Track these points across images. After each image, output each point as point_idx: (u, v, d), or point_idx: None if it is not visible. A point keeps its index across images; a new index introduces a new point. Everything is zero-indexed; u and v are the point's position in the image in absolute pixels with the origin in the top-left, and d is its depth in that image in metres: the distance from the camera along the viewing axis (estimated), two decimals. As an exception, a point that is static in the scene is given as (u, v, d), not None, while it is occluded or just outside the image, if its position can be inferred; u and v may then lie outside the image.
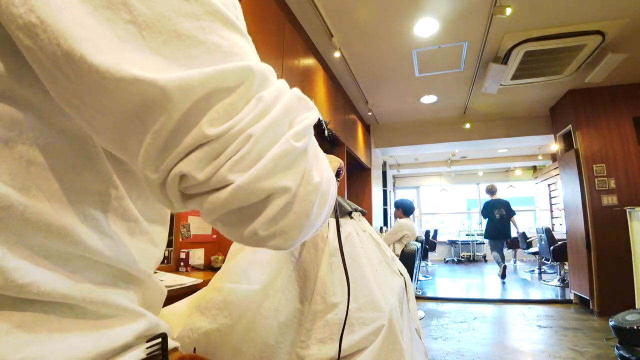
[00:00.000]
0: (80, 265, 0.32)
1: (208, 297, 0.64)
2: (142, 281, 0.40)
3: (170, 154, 0.24)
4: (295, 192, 0.27)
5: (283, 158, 0.26)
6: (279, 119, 0.26)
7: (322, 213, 0.31)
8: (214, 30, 0.26)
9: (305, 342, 0.55)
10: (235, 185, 0.25)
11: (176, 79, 0.23)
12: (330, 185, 0.32)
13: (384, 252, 0.78)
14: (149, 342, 0.36)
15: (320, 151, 0.32)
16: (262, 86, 0.27)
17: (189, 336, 0.62)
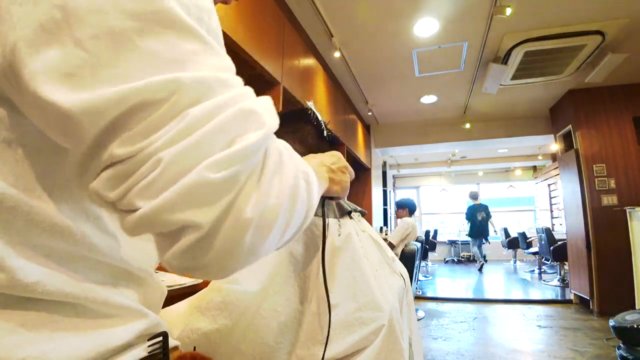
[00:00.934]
0: (82, 265, 0.32)
1: (208, 298, 0.64)
2: (143, 280, 0.40)
3: (86, 172, 0.24)
4: (214, 229, 0.24)
5: (193, 191, 0.22)
6: (205, 140, 0.23)
7: (269, 241, 0.27)
8: (156, 34, 0.24)
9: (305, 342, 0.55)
10: (141, 212, 0.23)
11: (81, 103, 0.21)
12: (293, 206, 0.29)
13: (384, 252, 0.78)
14: (149, 341, 0.36)
15: (285, 169, 0.29)
16: (197, 101, 0.24)
17: (188, 336, 0.62)
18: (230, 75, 0.28)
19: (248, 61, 1.72)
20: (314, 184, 0.35)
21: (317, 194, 0.37)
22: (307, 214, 0.33)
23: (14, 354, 0.26)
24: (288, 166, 0.29)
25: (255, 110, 0.26)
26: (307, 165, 0.35)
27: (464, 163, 8.11)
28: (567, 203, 4.11)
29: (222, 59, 0.28)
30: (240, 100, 0.26)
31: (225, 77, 0.26)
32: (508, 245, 7.41)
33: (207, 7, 0.29)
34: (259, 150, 0.26)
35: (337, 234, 0.68)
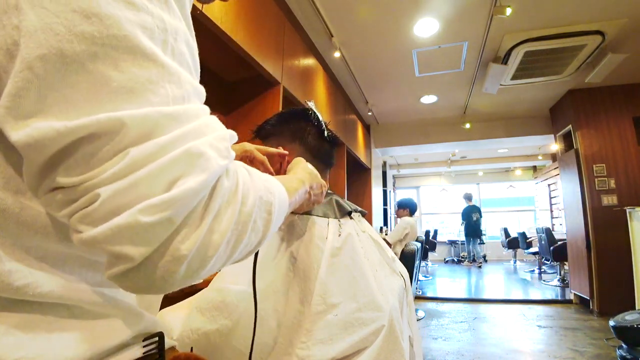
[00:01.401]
0: (77, 265, 0.32)
1: (208, 298, 0.64)
2: None
3: (38, 189, 0.25)
4: (148, 261, 0.25)
5: (125, 230, 0.23)
6: (143, 181, 0.23)
7: (208, 267, 0.28)
8: (111, 59, 0.23)
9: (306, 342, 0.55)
10: (82, 236, 0.24)
11: (27, 136, 0.22)
12: (240, 238, 0.30)
13: (384, 252, 0.78)
14: (145, 341, 0.36)
15: (234, 207, 0.29)
16: (141, 139, 0.24)
17: (189, 337, 0.62)
18: (187, 106, 0.27)
19: (248, 61, 1.72)
20: (278, 213, 0.36)
21: (280, 219, 0.39)
22: (261, 241, 0.35)
23: (9, 355, 0.26)
24: (243, 202, 0.30)
25: (203, 152, 0.26)
26: (276, 192, 0.36)
27: (464, 163, 8.11)
28: (567, 203, 4.11)
29: (182, 85, 0.27)
30: (190, 139, 0.26)
31: (178, 111, 0.26)
32: (508, 245, 7.41)
33: (174, 28, 0.28)
34: (199, 193, 0.26)
35: (337, 234, 0.67)
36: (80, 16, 0.22)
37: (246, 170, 0.33)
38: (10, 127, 0.22)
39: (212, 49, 1.70)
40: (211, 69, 1.94)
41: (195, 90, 0.29)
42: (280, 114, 0.81)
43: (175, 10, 0.29)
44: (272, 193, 0.35)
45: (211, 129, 0.28)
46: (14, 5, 0.22)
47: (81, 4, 0.22)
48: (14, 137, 0.22)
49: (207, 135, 0.27)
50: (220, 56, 1.77)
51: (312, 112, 0.78)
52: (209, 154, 0.26)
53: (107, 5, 0.23)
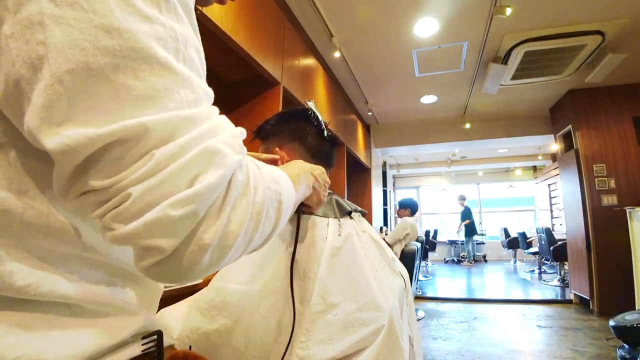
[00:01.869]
0: (77, 265, 0.33)
1: (208, 298, 0.64)
2: (138, 278, 0.41)
3: (69, 193, 0.26)
4: (176, 252, 0.28)
5: (157, 224, 0.25)
6: (168, 179, 0.26)
7: (229, 255, 0.31)
8: (131, 70, 0.25)
9: (305, 342, 0.55)
10: (115, 233, 0.26)
11: (60, 144, 0.24)
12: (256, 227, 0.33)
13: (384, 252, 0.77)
14: (144, 339, 0.37)
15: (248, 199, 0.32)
16: (163, 141, 0.26)
17: (188, 337, 0.62)
18: (200, 109, 0.29)
19: (248, 61, 1.72)
20: (286, 202, 0.39)
21: (290, 208, 0.42)
22: (275, 229, 0.38)
23: (11, 353, 0.27)
24: (255, 193, 0.33)
25: (219, 149, 0.28)
26: (283, 183, 0.39)
27: (464, 163, 8.11)
28: (567, 203, 4.11)
29: (194, 89, 0.29)
30: (206, 138, 0.28)
31: (193, 114, 0.28)
32: (508, 245, 7.41)
33: (184, 36, 0.30)
34: (218, 187, 0.28)
35: (338, 234, 0.67)
36: (102, 32, 0.24)
37: (255, 163, 0.36)
38: (44, 136, 0.24)
39: (212, 49, 1.70)
40: (211, 69, 1.92)
41: (205, 93, 0.31)
42: (280, 114, 0.81)
43: (183, 19, 0.30)
44: (279, 183, 0.38)
45: (224, 128, 0.31)
46: (38, 21, 0.24)
47: (102, 20, 0.24)
48: (49, 145, 0.24)
49: (221, 133, 0.30)
50: (220, 56, 1.77)
51: (312, 112, 0.78)
52: (225, 150, 0.29)
53: (125, 21, 0.25)
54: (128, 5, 0.26)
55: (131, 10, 0.26)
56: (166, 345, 0.41)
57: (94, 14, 0.24)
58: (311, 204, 0.61)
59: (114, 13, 0.25)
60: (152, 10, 0.27)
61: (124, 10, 0.25)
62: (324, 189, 0.63)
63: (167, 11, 0.28)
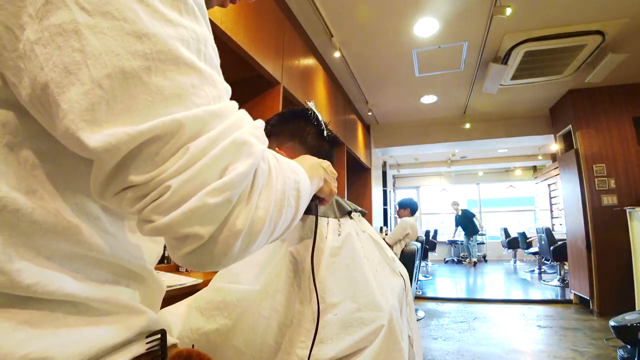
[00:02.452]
0: (83, 264, 0.34)
1: (208, 298, 0.64)
2: (142, 278, 0.42)
3: (107, 190, 0.28)
4: (212, 238, 0.29)
5: (196, 212, 0.27)
6: (203, 170, 0.28)
7: (257, 241, 0.33)
8: (161, 71, 0.27)
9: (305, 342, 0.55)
10: (155, 224, 0.28)
11: (104, 143, 0.25)
12: (279, 214, 0.35)
13: (384, 252, 0.78)
14: (148, 338, 0.38)
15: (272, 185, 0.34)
16: (195, 135, 0.28)
17: (188, 336, 0.62)
18: (224, 103, 0.31)
19: (248, 61, 1.72)
20: (304, 190, 0.41)
21: (307, 197, 0.43)
22: (295, 217, 0.39)
23: (19, 350, 0.27)
24: (276, 181, 0.35)
25: (246, 140, 0.30)
26: (299, 173, 0.41)
27: (464, 163, 8.11)
28: (567, 203, 4.11)
29: (216, 86, 0.32)
30: (234, 130, 0.30)
31: (220, 109, 0.30)
32: (508, 245, 7.41)
33: (204, 36, 0.32)
34: (247, 176, 0.30)
35: (337, 233, 0.68)
36: (133, 37, 0.26)
37: (273, 155, 0.38)
38: (88, 137, 0.25)
39: (212, 49, 1.70)
40: (211, 69, 1.94)
41: (225, 89, 0.34)
42: (281, 114, 0.81)
43: (201, 20, 0.32)
44: (296, 172, 0.40)
45: (246, 121, 0.33)
46: (72, 30, 0.25)
47: (133, 27, 0.26)
48: (92, 144, 0.25)
49: (245, 126, 0.32)
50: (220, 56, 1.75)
51: (312, 112, 0.78)
52: (252, 141, 0.31)
53: (153, 26, 0.27)
54: (154, 12, 0.28)
55: (157, 16, 0.28)
56: (169, 344, 0.41)
57: (125, 22, 0.26)
58: (324, 195, 0.62)
59: (142, 20, 0.27)
60: (174, 14, 0.29)
61: (150, 16, 0.27)
62: (333, 180, 0.64)
63: (187, 14, 0.30)
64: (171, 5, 0.29)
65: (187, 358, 0.37)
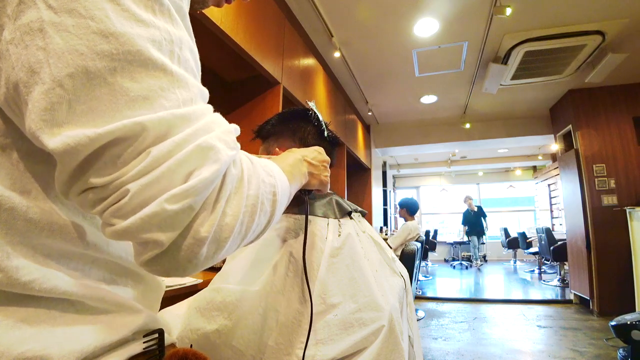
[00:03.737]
0: (81, 263, 0.34)
1: (208, 298, 0.64)
2: (140, 277, 0.42)
3: (70, 190, 0.28)
4: (174, 245, 0.28)
5: (154, 218, 0.26)
6: (165, 174, 0.27)
7: (226, 247, 0.32)
8: (128, 72, 0.26)
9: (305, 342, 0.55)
10: (115, 228, 0.27)
11: (63, 144, 0.25)
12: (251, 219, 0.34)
13: (384, 252, 0.77)
14: (145, 337, 0.38)
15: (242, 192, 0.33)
16: (160, 139, 0.27)
17: (188, 337, 0.62)
18: (195, 107, 0.30)
19: (248, 61, 1.72)
20: (281, 193, 0.40)
21: (285, 199, 0.43)
22: (270, 221, 0.39)
23: (16, 348, 0.27)
24: (249, 187, 0.34)
25: (213, 145, 0.29)
26: (276, 175, 0.40)
27: (464, 163, 8.11)
28: (567, 203, 4.11)
29: (189, 89, 0.30)
30: (201, 134, 0.29)
31: (189, 112, 0.29)
32: (508, 245, 7.41)
33: (179, 38, 0.31)
34: (212, 182, 0.29)
35: (338, 234, 0.67)
36: (99, 36, 0.25)
37: (248, 158, 0.37)
38: (46, 137, 0.25)
39: (212, 49, 1.70)
40: (211, 69, 1.94)
41: (200, 92, 0.32)
42: (281, 113, 0.81)
43: (178, 22, 0.32)
44: (272, 176, 0.39)
45: (217, 125, 0.32)
46: (37, 28, 0.25)
47: (99, 25, 0.25)
48: (51, 145, 0.25)
49: (215, 130, 0.31)
50: (220, 56, 1.76)
51: (312, 112, 0.78)
52: (219, 146, 0.30)
53: (121, 25, 0.26)
54: (124, 11, 0.27)
55: (127, 15, 0.27)
56: (167, 344, 0.41)
57: (92, 20, 0.25)
58: (313, 188, 0.62)
59: (110, 19, 0.26)
60: (147, 14, 0.28)
61: (120, 15, 0.26)
62: (323, 169, 0.62)
63: (162, 14, 0.30)
64: (145, 5, 0.28)
65: (182, 357, 0.37)
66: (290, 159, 0.55)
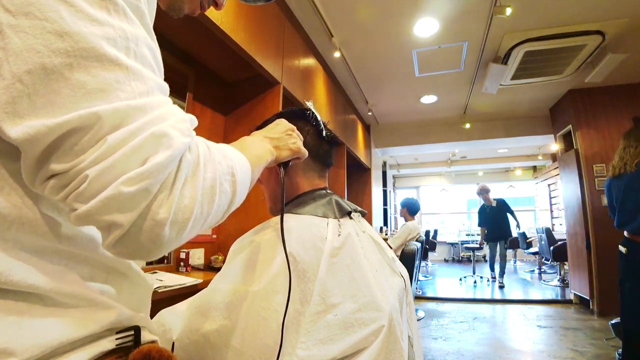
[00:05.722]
0: (56, 257, 0.35)
1: (208, 298, 0.64)
2: (124, 274, 0.42)
3: (36, 179, 0.30)
4: (135, 227, 0.30)
5: (112, 200, 0.28)
6: (121, 160, 0.29)
7: (189, 228, 0.34)
8: (84, 67, 0.28)
9: (305, 342, 0.55)
10: (78, 212, 0.29)
11: (23, 134, 0.27)
12: (211, 200, 0.36)
13: (384, 252, 0.77)
14: (118, 334, 0.38)
15: (199, 175, 0.34)
16: (115, 128, 0.29)
17: (188, 337, 0.62)
18: (151, 99, 0.32)
19: (248, 61, 1.72)
20: (241, 173, 0.42)
21: (247, 179, 0.45)
22: (233, 201, 0.41)
23: None
24: (205, 170, 0.36)
25: (166, 132, 0.31)
26: (233, 157, 0.42)
27: (464, 163, 8.11)
28: (567, 203, 4.11)
29: (146, 82, 0.32)
30: (155, 123, 0.31)
31: (144, 103, 0.31)
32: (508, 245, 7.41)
33: (135, 35, 0.33)
34: (167, 167, 0.31)
35: (337, 234, 0.67)
36: (55, 36, 0.27)
37: (205, 143, 0.38)
38: (8, 127, 0.27)
39: (212, 49, 1.70)
40: (211, 69, 1.94)
41: (158, 86, 0.34)
42: (280, 114, 0.81)
43: (134, 20, 0.33)
44: (229, 158, 0.41)
45: (172, 114, 0.33)
46: None
47: (54, 26, 0.28)
48: (12, 134, 0.27)
49: (169, 119, 0.33)
50: (220, 56, 1.77)
51: (311, 112, 0.78)
52: (172, 133, 0.32)
53: (75, 25, 0.28)
54: (77, 12, 0.29)
55: (81, 15, 0.29)
56: (147, 341, 0.41)
57: (46, 21, 0.27)
58: (288, 158, 0.64)
59: (64, 19, 0.28)
60: (101, 13, 0.30)
61: (73, 16, 0.28)
62: (287, 137, 0.64)
63: (116, 13, 0.32)
64: (99, 5, 0.30)
65: (146, 355, 0.37)
66: (247, 140, 0.57)
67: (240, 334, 0.58)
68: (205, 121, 1.92)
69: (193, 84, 1.81)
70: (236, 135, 2.00)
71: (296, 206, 0.72)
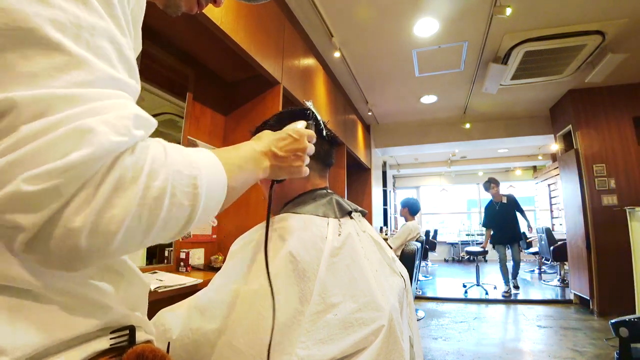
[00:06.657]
0: None
1: (208, 298, 0.64)
2: (120, 273, 0.41)
3: None
4: (43, 232, 0.26)
5: (11, 198, 0.25)
6: (32, 154, 0.25)
7: (118, 242, 0.29)
8: (18, 48, 0.26)
9: (305, 342, 0.55)
10: None
11: None
12: (155, 213, 0.31)
13: (384, 252, 0.77)
14: (113, 334, 0.37)
15: (139, 182, 0.30)
16: (34, 117, 0.26)
17: (188, 336, 0.62)
18: (89, 90, 0.28)
19: (248, 61, 1.72)
20: (210, 187, 0.37)
21: (219, 194, 0.40)
22: (191, 216, 0.35)
23: None
24: (152, 177, 0.31)
25: (92, 128, 0.27)
26: (202, 167, 0.36)
27: (464, 163, 8.11)
28: (567, 203, 4.11)
29: (91, 73, 0.29)
30: (84, 117, 0.27)
31: (74, 93, 0.27)
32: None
33: (90, 24, 0.30)
34: (87, 166, 0.27)
35: (337, 233, 0.67)
36: None
37: (162, 146, 0.34)
38: None
39: (212, 49, 1.70)
40: (211, 69, 1.94)
41: (111, 79, 0.31)
42: (279, 113, 0.81)
43: (96, 10, 0.31)
44: (196, 167, 0.36)
45: (114, 109, 0.29)
46: None
47: None
48: None
49: (107, 114, 0.28)
50: (220, 56, 1.77)
51: (310, 112, 0.78)
52: (99, 129, 0.27)
53: (17, 2, 0.26)
54: None
55: None
56: (141, 341, 0.41)
57: None
58: (282, 178, 0.60)
59: None
60: None
61: None
62: (294, 159, 0.58)
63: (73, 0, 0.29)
64: None
65: (140, 354, 0.36)
66: (243, 151, 0.51)
67: (241, 332, 0.58)
68: (205, 121, 1.92)
69: (193, 84, 1.81)
70: (236, 135, 2.00)
71: (297, 206, 0.72)
